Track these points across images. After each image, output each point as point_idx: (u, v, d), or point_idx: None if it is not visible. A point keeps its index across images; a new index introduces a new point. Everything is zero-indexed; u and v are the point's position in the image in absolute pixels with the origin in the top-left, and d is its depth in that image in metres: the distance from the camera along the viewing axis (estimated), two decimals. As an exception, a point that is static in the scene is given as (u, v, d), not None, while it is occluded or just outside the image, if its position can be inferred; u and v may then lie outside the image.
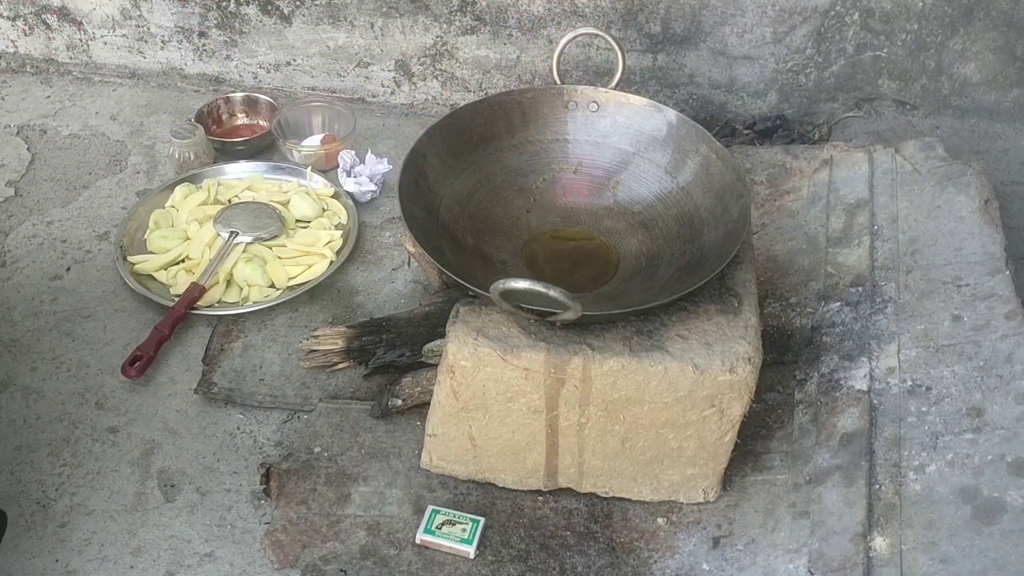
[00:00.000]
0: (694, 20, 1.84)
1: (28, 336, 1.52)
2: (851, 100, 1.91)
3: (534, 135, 1.44)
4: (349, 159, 1.80)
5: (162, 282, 1.59)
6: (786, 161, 1.73)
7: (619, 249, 1.38)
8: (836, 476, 1.22)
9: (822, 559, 1.15)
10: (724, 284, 1.25)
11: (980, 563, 1.07)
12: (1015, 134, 1.87)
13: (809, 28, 1.82)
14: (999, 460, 1.15)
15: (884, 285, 1.42)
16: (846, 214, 1.57)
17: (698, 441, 1.22)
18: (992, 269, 1.37)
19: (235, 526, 1.29)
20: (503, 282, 1.07)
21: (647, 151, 1.41)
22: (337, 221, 1.72)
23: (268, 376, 1.47)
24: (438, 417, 1.26)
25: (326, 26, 1.95)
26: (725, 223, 1.29)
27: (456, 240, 1.33)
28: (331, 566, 1.22)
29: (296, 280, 1.60)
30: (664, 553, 1.25)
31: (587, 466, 1.27)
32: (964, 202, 1.49)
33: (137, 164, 1.87)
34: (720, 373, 1.15)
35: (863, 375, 1.31)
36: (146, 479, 1.34)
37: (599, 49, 1.89)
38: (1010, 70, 1.83)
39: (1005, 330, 1.28)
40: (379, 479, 1.32)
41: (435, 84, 2.00)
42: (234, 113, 1.97)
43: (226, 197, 1.73)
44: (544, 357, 1.16)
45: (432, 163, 1.36)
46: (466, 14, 1.89)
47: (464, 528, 1.25)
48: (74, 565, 1.24)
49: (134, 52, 2.06)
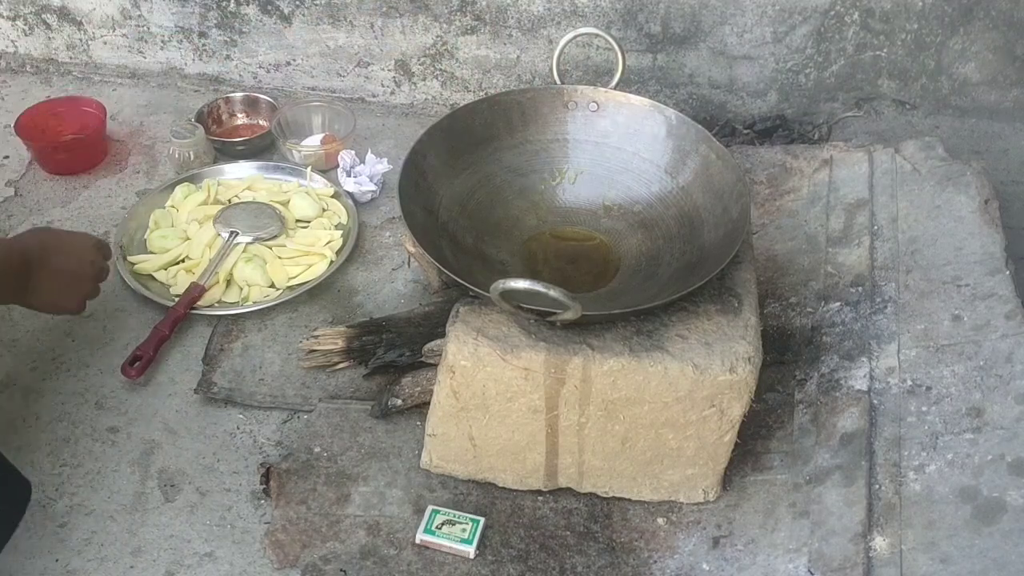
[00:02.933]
0: (694, 20, 1.84)
1: (28, 336, 1.52)
2: (851, 100, 1.91)
3: (534, 135, 1.44)
4: (349, 159, 1.80)
5: (162, 282, 1.59)
6: (786, 161, 1.73)
7: (619, 249, 1.38)
8: (836, 476, 1.22)
9: (822, 559, 1.15)
10: (724, 284, 1.25)
11: (980, 563, 1.07)
12: (1015, 134, 1.87)
13: (809, 28, 1.82)
14: (999, 460, 1.15)
15: (884, 285, 1.42)
16: (846, 214, 1.57)
17: (698, 441, 1.22)
18: (992, 269, 1.37)
19: (235, 526, 1.29)
20: (503, 282, 1.07)
21: (647, 151, 1.41)
22: (337, 221, 1.72)
23: (268, 376, 1.47)
24: (438, 417, 1.26)
25: (326, 26, 1.95)
26: (725, 223, 1.29)
27: (456, 240, 1.33)
28: (331, 566, 1.22)
29: (296, 280, 1.60)
30: (664, 553, 1.25)
31: (587, 466, 1.27)
32: (964, 202, 1.49)
33: (137, 164, 1.87)
34: (720, 373, 1.15)
35: (863, 375, 1.31)
36: (146, 479, 1.34)
37: (599, 49, 1.89)
38: (1010, 70, 1.83)
39: (1005, 330, 1.28)
40: (379, 479, 1.32)
41: (435, 84, 2.00)
42: (234, 113, 1.97)
43: (226, 197, 1.73)
44: (544, 357, 1.16)
45: (432, 163, 1.36)
46: (466, 14, 1.89)
47: (464, 528, 1.25)
48: (74, 565, 1.24)
49: (134, 52, 2.06)
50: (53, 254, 1.30)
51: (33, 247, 1.28)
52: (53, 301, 1.32)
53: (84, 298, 1.36)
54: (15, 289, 1.26)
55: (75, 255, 1.33)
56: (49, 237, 1.34)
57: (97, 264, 1.37)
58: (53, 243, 1.32)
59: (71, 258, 1.33)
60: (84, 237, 1.39)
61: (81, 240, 1.37)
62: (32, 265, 1.27)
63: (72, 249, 1.34)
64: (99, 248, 1.39)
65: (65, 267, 1.31)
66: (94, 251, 1.37)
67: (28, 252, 1.27)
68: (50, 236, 1.35)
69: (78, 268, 1.33)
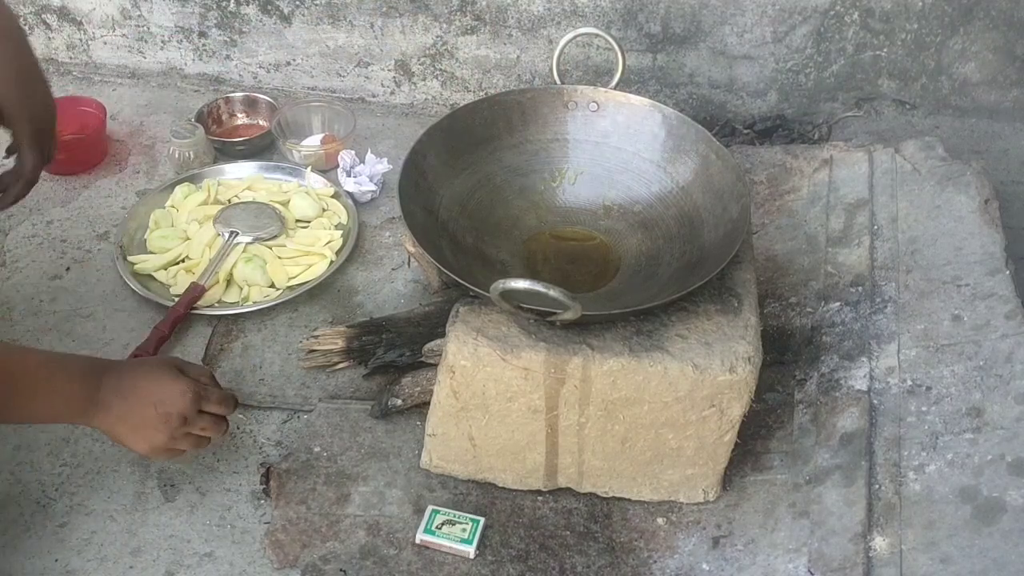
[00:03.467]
0: (694, 20, 1.84)
1: (28, 336, 1.52)
2: (851, 100, 1.91)
3: (534, 135, 1.44)
4: (349, 159, 1.80)
5: (162, 282, 1.59)
6: (786, 161, 1.73)
7: (619, 249, 1.38)
8: (836, 476, 1.22)
9: (822, 559, 1.15)
10: (724, 284, 1.25)
11: (980, 563, 1.07)
12: (1015, 134, 1.87)
13: (809, 28, 1.82)
14: (999, 460, 1.15)
15: (884, 285, 1.42)
16: (846, 214, 1.57)
17: (698, 441, 1.22)
18: (992, 269, 1.37)
19: (235, 526, 1.29)
20: (503, 282, 1.07)
21: (647, 151, 1.41)
22: (337, 221, 1.72)
23: (268, 376, 1.47)
24: (438, 417, 1.26)
25: (326, 26, 1.95)
26: (725, 223, 1.29)
27: (456, 240, 1.33)
28: (331, 566, 1.22)
29: (296, 280, 1.60)
30: (664, 553, 1.25)
31: (587, 466, 1.27)
32: (964, 202, 1.49)
33: (137, 164, 1.87)
34: (720, 373, 1.15)
35: (863, 375, 1.31)
36: (146, 479, 1.34)
37: (599, 49, 1.89)
38: (1010, 70, 1.83)
39: (1005, 330, 1.28)
40: (379, 479, 1.32)
41: (435, 84, 2.00)
42: (234, 113, 1.97)
43: (226, 197, 1.73)
44: (544, 357, 1.16)
45: (432, 163, 1.36)
46: (466, 14, 1.89)
47: (464, 528, 1.25)
48: (74, 565, 1.24)
49: (134, 52, 2.06)
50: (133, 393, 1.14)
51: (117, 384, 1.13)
52: (121, 439, 1.16)
53: (155, 450, 1.17)
54: (84, 417, 1.13)
55: (156, 403, 1.15)
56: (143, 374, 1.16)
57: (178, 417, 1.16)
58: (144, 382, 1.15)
59: (148, 406, 1.14)
60: (181, 384, 1.17)
61: (176, 387, 1.16)
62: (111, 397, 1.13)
63: (159, 396, 1.15)
64: (198, 397, 1.17)
65: (140, 411, 1.14)
66: (185, 402, 1.16)
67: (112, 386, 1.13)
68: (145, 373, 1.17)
69: (153, 417, 1.14)
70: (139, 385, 1.15)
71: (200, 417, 1.19)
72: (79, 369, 1.13)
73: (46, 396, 1.10)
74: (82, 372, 1.13)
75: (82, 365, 1.15)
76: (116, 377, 1.14)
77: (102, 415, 1.13)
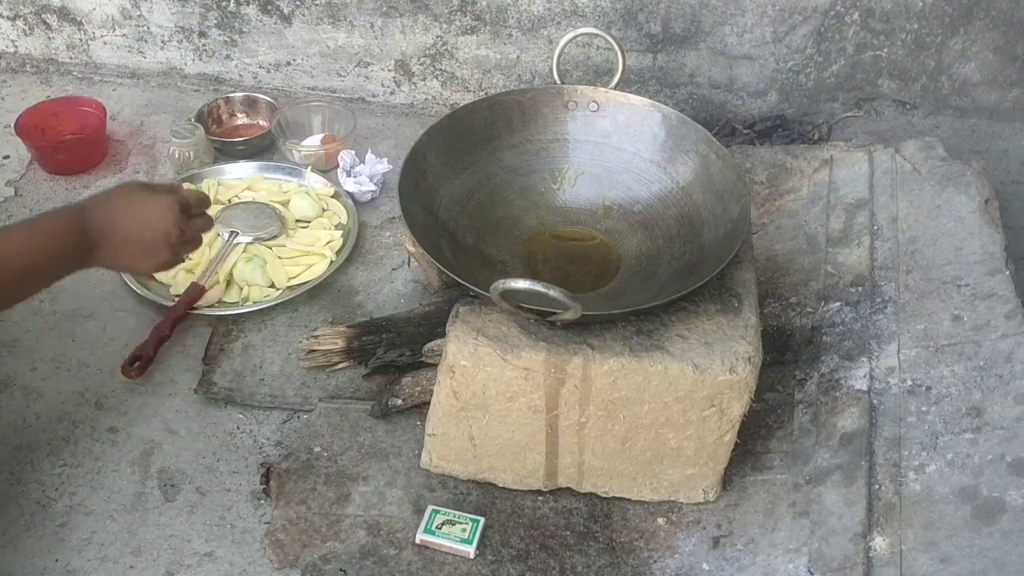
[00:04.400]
0: (694, 20, 1.84)
1: (28, 336, 1.52)
2: (851, 100, 1.91)
3: (534, 135, 1.44)
4: (349, 159, 1.80)
5: (162, 282, 1.59)
6: (786, 161, 1.73)
7: (619, 249, 1.38)
8: (836, 476, 1.22)
9: (822, 559, 1.15)
10: (724, 284, 1.25)
11: (980, 563, 1.07)
12: (1015, 134, 1.87)
13: (809, 28, 1.82)
14: (999, 460, 1.15)
15: (884, 285, 1.42)
16: (846, 214, 1.57)
17: (698, 441, 1.22)
18: (992, 269, 1.37)
19: (235, 526, 1.29)
20: (503, 282, 1.07)
21: (647, 151, 1.41)
22: (337, 221, 1.72)
23: (268, 376, 1.47)
24: (438, 417, 1.26)
25: (326, 26, 1.95)
26: (725, 223, 1.29)
27: (456, 240, 1.33)
28: (331, 566, 1.22)
29: (296, 280, 1.60)
30: (664, 553, 1.25)
31: (587, 466, 1.27)
32: (964, 202, 1.49)
33: (137, 164, 1.87)
34: (720, 373, 1.15)
35: (863, 375, 1.31)
36: (146, 479, 1.34)
37: (599, 49, 1.89)
38: (1010, 70, 1.83)
39: (1005, 330, 1.28)
40: (379, 479, 1.32)
41: (435, 84, 2.00)
42: (234, 113, 1.97)
43: (226, 197, 1.73)
44: (544, 357, 1.16)
45: (432, 163, 1.36)
46: (466, 14, 1.89)
47: (464, 528, 1.25)
48: (74, 565, 1.24)
49: (134, 52, 2.06)
50: (122, 223, 1.19)
51: (101, 219, 1.18)
52: (127, 267, 1.25)
53: (162, 266, 1.26)
54: (82, 258, 1.18)
55: (149, 226, 1.20)
56: (122, 205, 1.21)
57: (175, 231, 1.22)
58: (126, 211, 1.20)
59: (143, 230, 1.20)
60: (163, 202, 1.22)
61: (158, 206, 1.21)
62: (102, 235, 1.17)
63: (146, 219, 1.20)
64: (182, 209, 1.24)
65: (136, 237, 1.20)
66: (174, 217, 1.22)
67: (97, 222, 1.17)
68: (124, 203, 1.21)
69: (151, 239, 1.21)
70: (125, 215, 1.20)
71: (190, 223, 1.25)
72: (61, 224, 1.17)
73: (43, 259, 1.15)
74: (65, 224, 1.17)
75: (59, 218, 1.18)
76: (97, 215, 1.18)
77: (99, 254, 1.18)
